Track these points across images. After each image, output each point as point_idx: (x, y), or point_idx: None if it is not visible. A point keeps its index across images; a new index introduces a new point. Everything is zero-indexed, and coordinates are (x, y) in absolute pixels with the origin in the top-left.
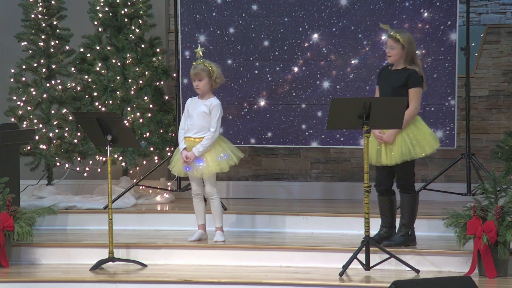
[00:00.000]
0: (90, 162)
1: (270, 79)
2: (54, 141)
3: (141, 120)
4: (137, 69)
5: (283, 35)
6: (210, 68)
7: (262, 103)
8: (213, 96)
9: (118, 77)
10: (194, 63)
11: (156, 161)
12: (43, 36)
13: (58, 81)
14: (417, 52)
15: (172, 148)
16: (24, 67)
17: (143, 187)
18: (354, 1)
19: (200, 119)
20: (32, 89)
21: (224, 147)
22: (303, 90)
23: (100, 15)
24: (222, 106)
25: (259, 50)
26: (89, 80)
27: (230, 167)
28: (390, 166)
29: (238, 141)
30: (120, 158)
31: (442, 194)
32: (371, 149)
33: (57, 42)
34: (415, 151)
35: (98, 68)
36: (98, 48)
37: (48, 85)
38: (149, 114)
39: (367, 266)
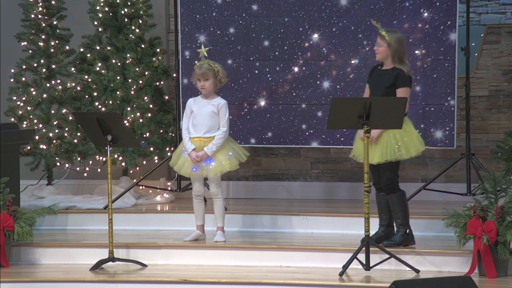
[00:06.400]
0: (90, 162)
1: (270, 79)
2: (54, 141)
3: (141, 120)
4: (137, 69)
5: (283, 35)
6: (215, 68)
7: (262, 103)
8: (218, 96)
9: (118, 77)
10: (197, 63)
11: (156, 161)
12: (43, 36)
13: (58, 81)
14: (416, 52)
15: (172, 148)
16: (24, 67)
17: (143, 187)
18: (354, 1)
19: (209, 119)
20: (32, 89)
21: (231, 145)
22: (303, 90)
23: (100, 15)
24: None
25: (259, 50)
26: (89, 80)
27: (238, 164)
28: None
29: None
30: (120, 158)
31: (442, 194)
32: (360, 147)
33: (57, 42)
34: (400, 152)
35: (98, 68)
36: (98, 48)
37: (48, 85)
38: (149, 114)
39: (367, 266)
